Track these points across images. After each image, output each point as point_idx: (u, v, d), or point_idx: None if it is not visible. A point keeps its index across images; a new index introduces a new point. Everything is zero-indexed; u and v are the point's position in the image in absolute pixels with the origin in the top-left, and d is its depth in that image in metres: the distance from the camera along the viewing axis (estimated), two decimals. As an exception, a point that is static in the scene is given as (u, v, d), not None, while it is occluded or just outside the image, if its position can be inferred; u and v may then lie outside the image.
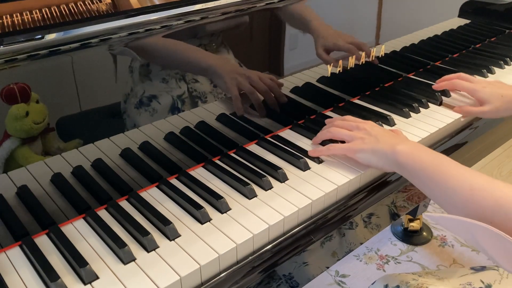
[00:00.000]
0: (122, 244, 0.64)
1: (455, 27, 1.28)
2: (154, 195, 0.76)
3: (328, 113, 1.01)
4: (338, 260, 0.87)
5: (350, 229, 0.84)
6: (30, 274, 0.62)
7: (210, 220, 0.70)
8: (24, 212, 0.68)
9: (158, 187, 0.77)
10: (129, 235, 0.67)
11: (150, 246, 0.65)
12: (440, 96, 1.05)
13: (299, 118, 0.96)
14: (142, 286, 0.60)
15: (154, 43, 0.73)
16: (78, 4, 0.71)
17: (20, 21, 0.65)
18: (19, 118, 0.63)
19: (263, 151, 0.87)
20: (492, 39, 1.41)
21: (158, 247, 0.65)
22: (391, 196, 0.87)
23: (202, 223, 0.69)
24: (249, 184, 0.76)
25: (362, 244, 0.92)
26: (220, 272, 0.65)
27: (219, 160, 0.84)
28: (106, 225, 0.68)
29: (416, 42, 1.18)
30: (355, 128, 0.85)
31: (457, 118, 0.99)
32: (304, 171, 0.81)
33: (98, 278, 0.61)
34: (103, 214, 0.71)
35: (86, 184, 0.72)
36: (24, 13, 0.66)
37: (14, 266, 0.63)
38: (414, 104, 1.01)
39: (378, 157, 0.78)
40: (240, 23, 0.81)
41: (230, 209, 0.72)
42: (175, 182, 0.78)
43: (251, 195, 0.75)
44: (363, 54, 1.02)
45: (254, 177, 0.78)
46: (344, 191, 0.80)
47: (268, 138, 0.91)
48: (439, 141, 0.97)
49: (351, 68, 1.02)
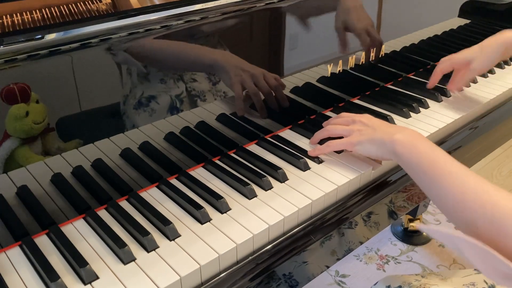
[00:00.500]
0: (122, 244, 0.64)
1: (455, 27, 1.28)
2: (154, 195, 0.76)
3: (328, 113, 1.01)
4: (338, 259, 0.87)
5: (349, 228, 0.84)
6: (30, 274, 0.62)
7: (210, 220, 0.70)
8: (24, 212, 0.68)
9: (158, 187, 0.77)
10: (129, 235, 0.67)
11: (150, 246, 0.65)
12: (440, 96, 1.05)
13: (299, 118, 0.96)
14: (142, 286, 0.60)
15: (155, 45, 0.73)
16: (78, 4, 0.71)
17: (20, 21, 0.65)
18: (19, 118, 0.63)
19: (263, 151, 0.87)
20: (492, 39, 1.40)
21: (158, 247, 0.65)
22: (391, 196, 0.87)
23: (202, 223, 0.69)
24: (249, 184, 0.76)
25: (362, 243, 0.92)
26: (220, 272, 0.65)
27: (219, 160, 0.84)
28: (106, 225, 0.68)
29: (416, 42, 1.18)
30: (351, 123, 0.84)
31: (457, 118, 0.99)
32: (304, 171, 0.81)
33: (98, 278, 0.61)
34: (103, 214, 0.71)
35: (86, 184, 0.72)
36: (24, 13, 0.66)
37: (14, 266, 0.63)
38: (414, 104, 1.01)
39: (377, 146, 0.78)
40: (240, 23, 0.81)
41: (230, 209, 0.72)
42: (175, 182, 0.78)
43: (251, 195, 0.75)
44: (363, 54, 1.02)
45: (254, 177, 0.78)
46: (344, 191, 0.80)
47: (268, 138, 0.91)
48: (439, 141, 0.97)
49: (351, 68, 1.02)
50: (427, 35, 1.20)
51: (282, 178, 0.79)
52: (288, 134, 0.93)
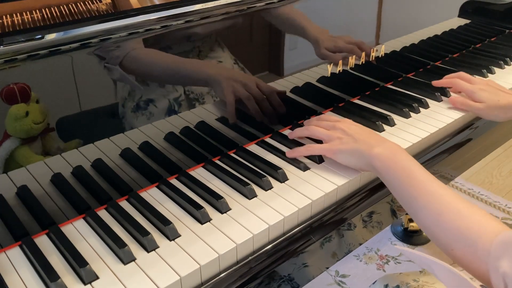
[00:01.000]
0: (122, 244, 0.64)
1: (455, 27, 1.28)
2: (154, 195, 0.76)
3: (328, 113, 1.01)
4: (338, 260, 0.87)
5: (349, 230, 0.84)
6: (30, 274, 0.62)
7: (210, 220, 0.70)
8: (24, 212, 0.68)
9: (158, 187, 0.77)
10: (129, 235, 0.67)
11: (150, 246, 0.65)
12: (440, 96, 1.05)
13: (299, 118, 0.96)
14: (142, 286, 0.59)
15: (150, 61, 0.73)
16: (78, 4, 0.71)
17: (20, 21, 0.65)
18: (19, 118, 0.63)
19: (263, 151, 0.87)
20: (492, 39, 1.41)
21: (158, 247, 0.65)
22: (391, 196, 0.87)
23: (202, 223, 0.69)
24: (249, 184, 0.76)
25: (361, 244, 0.91)
26: (220, 272, 0.65)
27: (219, 160, 0.84)
28: (106, 225, 0.68)
29: (416, 42, 1.18)
30: (332, 128, 0.83)
31: (457, 118, 0.99)
32: (304, 171, 0.81)
33: (98, 278, 0.61)
34: (103, 214, 0.71)
35: (86, 184, 0.72)
36: (24, 13, 0.66)
37: (14, 266, 0.63)
38: (414, 104, 1.01)
39: (356, 157, 0.77)
40: (240, 23, 0.81)
41: (230, 209, 0.72)
42: (175, 182, 0.78)
43: (251, 195, 0.75)
44: (363, 54, 1.02)
45: (254, 177, 0.78)
46: (344, 191, 0.80)
47: (268, 138, 0.91)
48: (439, 141, 0.97)
49: (351, 68, 1.02)
50: (427, 35, 1.20)
51: (282, 178, 0.79)
52: (288, 134, 0.93)
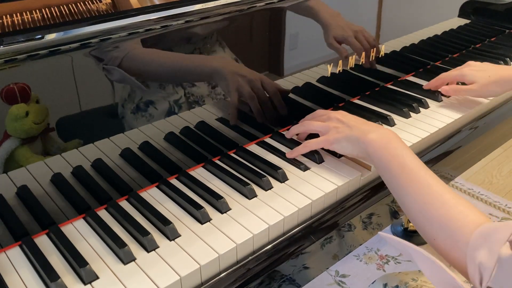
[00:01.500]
0: (122, 244, 0.64)
1: (455, 27, 1.28)
2: (154, 195, 0.76)
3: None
4: (338, 260, 0.87)
5: (349, 231, 0.84)
6: (30, 274, 0.62)
7: (210, 220, 0.70)
8: (24, 212, 0.68)
9: (158, 187, 0.77)
10: (129, 235, 0.67)
11: (150, 246, 0.65)
12: (440, 96, 1.05)
13: (299, 118, 0.96)
14: (142, 286, 0.60)
15: (151, 59, 0.73)
16: (78, 4, 0.71)
17: (20, 21, 0.65)
18: (19, 118, 0.63)
19: (263, 151, 0.87)
20: (492, 39, 1.40)
21: (158, 247, 0.65)
22: (391, 196, 0.87)
23: (202, 223, 0.69)
24: (249, 184, 0.76)
25: (361, 244, 0.91)
26: (220, 272, 0.65)
27: (219, 160, 0.84)
28: (106, 225, 0.68)
29: (416, 42, 1.18)
30: (326, 119, 0.84)
31: (457, 118, 0.99)
32: (304, 171, 0.81)
33: (98, 278, 0.61)
34: (103, 214, 0.71)
35: (86, 184, 0.72)
36: (24, 13, 0.66)
37: (14, 266, 0.63)
38: (414, 104, 1.01)
39: (352, 144, 0.78)
40: (240, 23, 0.81)
41: (230, 209, 0.72)
42: (175, 182, 0.78)
43: (251, 195, 0.75)
44: (363, 54, 1.02)
45: (254, 177, 0.78)
46: (344, 191, 0.80)
47: (268, 138, 0.91)
48: (439, 141, 0.97)
49: (351, 68, 1.02)
50: (427, 35, 1.20)
51: (282, 178, 0.79)
52: (285, 133, 0.93)
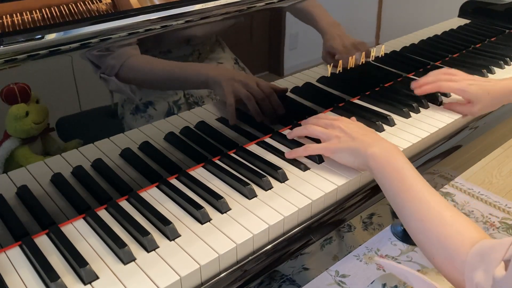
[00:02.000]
0: (122, 244, 0.64)
1: (455, 27, 1.28)
2: (154, 195, 0.76)
3: (328, 113, 1.01)
4: (338, 260, 0.87)
5: (348, 231, 0.84)
6: (30, 274, 0.62)
7: (210, 220, 0.70)
8: (24, 212, 0.68)
9: (158, 187, 0.77)
10: (129, 235, 0.67)
11: (150, 246, 0.65)
12: (440, 96, 1.05)
13: (299, 118, 0.96)
14: (142, 286, 0.60)
15: (149, 68, 0.73)
16: (78, 4, 0.71)
17: (20, 21, 0.65)
18: (19, 118, 0.63)
19: (263, 151, 0.87)
20: (492, 39, 1.41)
21: (158, 247, 0.65)
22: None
23: (202, 223, 0.69)
24: (249, 184, 0.76)
25: (361, 244, 0.92)
26: (220, 272, 0.65)
27: (219, 160, 0.84)
28: (106, 225, 0.68)
29: (416, 42, 1.18)
30: (329, 126, 0.84)
31: (456, 118, 0.99)
32: (304, 171, 0.81)
33: (98, 278, 0.61)
34: (103, 214, 0.71)
35: (86, 184, 0.72)
36: (24, 13, 0.66)
37: (14, 266, 0.63)
38: (414, 104, 1.01)
39: (354, 156, 0.78)
40: (240, 23, 0.81)
41: (230, 209, 0.72)
42: (175, 182, 0.78)
43: (251, 195, 0.75)
44: (363, 54, 1.02)
45: (254, 177, 0.78)
46: (344, 191, 0.80)
47: (268, 138, 0.91)
48: (439, 141, 0.97)
49: (351, 68, 1.02)
50: (427, 35, 1.20)
51: (282, 178, 0.79)
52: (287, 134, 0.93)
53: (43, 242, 0.66)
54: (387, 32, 1.07)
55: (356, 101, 1.06)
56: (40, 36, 0.61)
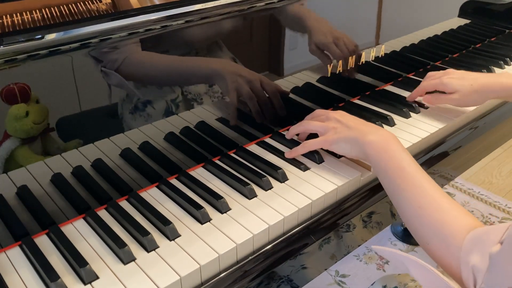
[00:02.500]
0: (122, 244, 0.64)
1: (455, 27, 1.28)
2: (154, 195, 0.76)
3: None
4: (337, 261, 0.87)
5: (347, 231, 0.84)
6: (30, 274, 0.62)
7: (210, 220, 0.70)
8: (24, 212, 0.68)
9: (158, 187, 0.77)
10: (129, 235, 0.67)
11: (150, 246, 0.65)
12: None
13: (299, 118, 0.96)
14: (142, 286, 0.60)
15: (151, 63, 0.73)
16: (78, 4, 0.71)
17: (20, 21, 0.65)
18: (19, 118, 0.63)
19: (263, 151, 0.87)
20: (492, 39, 1.41)
21: (158, 247, 0.65)
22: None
23: (202, 223, 0.69)
24: (249, 184, 0.76)
25: (362, 244, 0.92)
26: (220, 272, 0.65)
27: (219, 160, 0.84)
28: (106, 225, 0.68)
29: (416, 42, 1.18)
30: (325, 119, 0.84)
31: (456, 118, 0.98)
32: (304, 171, 0.81)
33: (98, 278, 0.61)
34: (103, 214, 0.71)
35: (86, 184, 0.72)
36: (24, 13, 0.66)
37: (14, 266, 0.63)
38: (414, 104, 1.01)
39: (351, 145, 0.78)
40: (240, 23, 0.81)
41: (230, 209, 0.72)
42: (175, 182, 0.78)
43: (251, 195, 0.75)
44: (363, 54, 1.02)
45: (254, 177, 0.78)
46: (344, 191, 0.80)
47: (268, 138, 0.91)
48: (439, 141, 0.97)
49: (351, 68, 1.02)
50: (427, 35, 1.20)
51: (282, 178, 0.79)
52: (286, 134, 0.93)
53: (43, 242, 0.66)
54: (387, 32, 1.07)
55: (356, 101, 1.06)
56: (40, 36, 0.61)
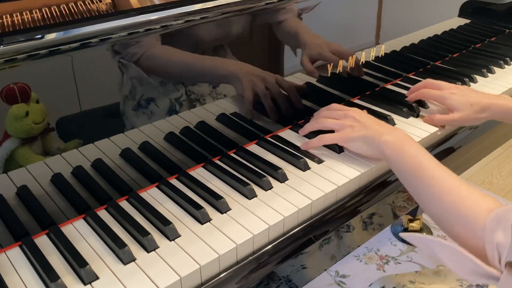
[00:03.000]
0: (122, 244, 0.64)
1: (455, 27, 1.28)
2: (154, 195, 0.76)
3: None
4: (337, 261, 0.87)
5: (348, 232, 0.84)
6: (30, 274, 0.62)
7: (210, 220, 0.70)
8: (24, 212, 0.68)
9: (158, 187, 0.77)
10: (129, 235, 0.67)
11: (150, 246, 0.65)
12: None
13: (299, 118, 0.96)
14: (142, 286, 0.59)
15: (170, 59, 0.74)
16: (78, 4, 0.71)
17: (20, 21, 0.65)
18: (19, 118, 0.63)
19: (263, 151, 0.87)
20: (492, 39, 1.41)
21: (158, 247, 0.65)
22: (391, 196, 0.87)
23: (202, 223, 0.69)
24: (249, 184, 0.76)
25: (360, 245, 0.92)
26: (220, 272, 0.65)
27: (219, 160, 0.84)
28: (106, 225, 0.68)
29: (416, 42, 1.18)
30: (342, 117, 0.85)
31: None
32: (304, 171, 0.81)
33: (98, 278, 0.61)
34: (103, 214, 0.71)
35: (86, 184, 0.72)
36: (24, 13, 0.66)
37: (14, 266, 0.63)
38: (414, 104, 1.01)
39: (367, 145, 0.79)
40: (240, 23, 0.81)
41: (230, 209, 0.72)
42: (175, 182, 0.78)
43: (251, 195, 0.75)
44: (363, 54, 1.02)
45: (254, 177, 0.78)
46: (344, 191, 0.80)
47: (268, 138, 0.91)
48: (439, 141, 0.97)
49: (351, 68, 1.02)
50: (427, 35, 1.20)
51: (282, 178, 0.79)
52: (288, 134, 0.93)
53: (43, 242, 0.66)
54: (387, 32, 1.07)
55: (356, 101, 1.06)
56: (40, 36, 0.61)
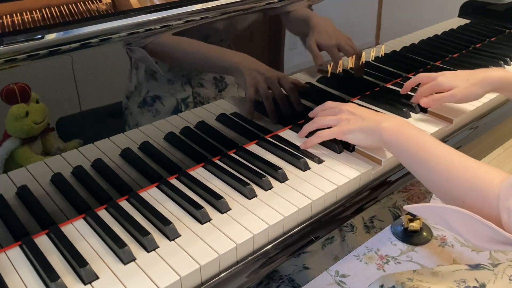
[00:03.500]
0: (122, 244, 0.64)
1: (455, 27, 1.28)
2: (154, 195, 0.76)
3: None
4: (338, 260, 0.87)
5: (350, 231, 0.84)
6: (30, 274, 0.62)
7: (210, 220, 0.70)
8: (24, 212, 0.68)
9: (158, 187, 0.77)
10: (129, 235, 0.67)
11: (150, 246, 0.65)
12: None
13: (299, 118, 0.96)
14: (142, 286, 0.60)
15: (177, 45, 0.74)
16: (78, 4, 0.71)
17: (20, 21, 0.65)
18: (19, 118, 0.63)
19: (263, 151, 0.87)
20: (492, 39, 1.41)
21: (158, 247, 0.65)
22: (391, 196, 0.87)
23: (202, 223, 0.69)
24: (249, 184, 0.76)
25: (361, 244, 0.92)
26: (220, 272, 0.65)
27: (219, 160, 0.84)
28: (106, 225, 0.68)
29: (416, 42, 1.18)
30: (338, 112, 0.86)
31: (456, 119, 0.98)
32: (304, 171, 0.81)
33: (98, 278, 0.61)
34: (103, 214, 0.71)
35: (86, 184, 0.72)
36: (24, 13, 0.66)
37: (14, 266, 0.63)
38: (414, 104, 1.01)
39: (366, 134, 0.80)
40: (240, 23, 0.81)
41: (230, 209, 0.72)
42: (175, 182, 0.78)
43: (251, 195, 0.75)
44: (363, 54, 1.02)
45: (254, 177, 0.78)
46: (344, 191, 0.80)
47: (268, 138, 0.91)
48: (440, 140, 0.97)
49: (351, 68, 1.02)
50: (427, 35, 1.20)
51: (282, 178, 0.79)
52: (288, 134, 0.93)
53: (43, 242, 0.66)
54: (387, 32, 1.07)
55: (356, 101, 1.06)
56: (40, 36, 0.61)
